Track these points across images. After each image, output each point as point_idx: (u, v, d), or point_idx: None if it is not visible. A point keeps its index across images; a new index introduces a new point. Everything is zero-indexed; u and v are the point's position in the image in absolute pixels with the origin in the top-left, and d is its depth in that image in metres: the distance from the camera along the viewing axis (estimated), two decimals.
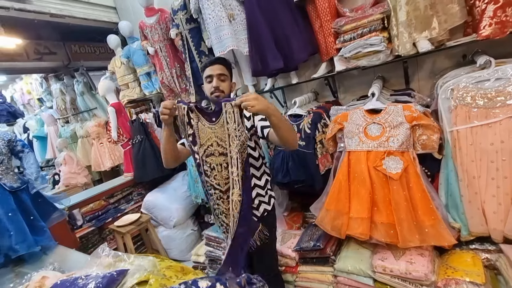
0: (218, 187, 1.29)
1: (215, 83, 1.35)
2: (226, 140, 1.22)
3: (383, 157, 1.50)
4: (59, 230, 2.48)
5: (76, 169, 4.21)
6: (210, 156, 1.28)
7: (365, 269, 1.52)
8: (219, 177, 1.28)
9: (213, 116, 1.26)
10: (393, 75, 1.92)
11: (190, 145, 1.32)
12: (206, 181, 1.31)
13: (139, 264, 0.94)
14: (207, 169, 1.30)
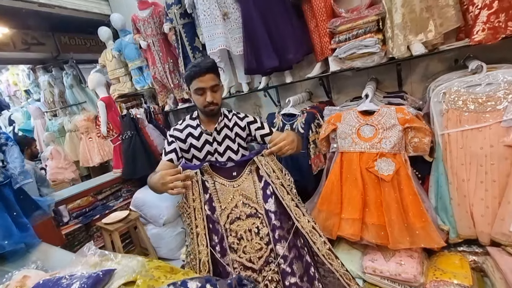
0: (249, 264, 1.00)
1: (209, 98, 1.20)
2: (253, 197, 1.04)
3: (375, 159, 1.50)
4: (43, 227, 2.40)
5: (64, 164, 4.10)
6: (236, 221, 1.03)
7: (356, 270, 1.53)
8: (250, 248, 1.01)
9: (233, 170, 1.08)
10: (386, 77, 1.93)
11: (208, 216, 1.02)
12: (233, 261, 0.99)
13: (127, 264, 0.91)
14: (233, 241, 1.01)
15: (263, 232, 1.02)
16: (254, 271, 1.00)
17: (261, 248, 1.01)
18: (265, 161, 1.06)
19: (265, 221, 1.02)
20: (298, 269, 1.01)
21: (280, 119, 1.98)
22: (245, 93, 2.42)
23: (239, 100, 2.77)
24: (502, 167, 1.34)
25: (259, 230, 1.02)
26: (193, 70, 1.20)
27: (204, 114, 1.30)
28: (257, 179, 1.06)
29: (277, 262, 0.99)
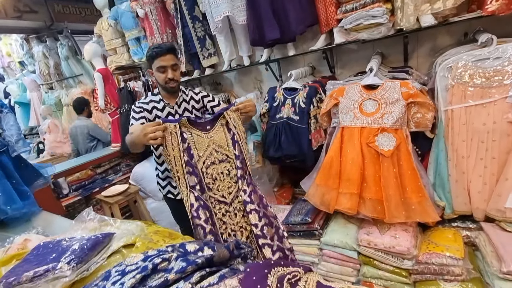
0: (222, 199, 1.25)
1: (170, 75, 1.40)
2: (224, 145, 1.26)
3: (376, 134, 1.48)
4: (44, 198, 2.42)
5: (62, 138, 4.07)
6: (211, 165, 1.25)
7: (351, 242, 1.56)
8: (222, 186, 1.26)
9: (207, 124, 1.29)
10: (392, 51, 1.87)
11: (187, 161, 1.19)
12: (210, 198, 1.23)
13: (126, 228, 0.91)
14: (210, 182, 1.24)
15: (232, 173, 1.27)
16: (226, 204, 1.25)
17: (231, 186, 1.26)
18: (233, 116, 1.28)
19: (234, 164, 1.26)
20: (255, 199, 1.26)
21: (281, 93, 1.94)
22: (246, 66, 2.35)
23: (239, 74, 2.70)
24: (504, 143, 1.33)
25: (230, 172, 1.26)
26: (155, 50, 1.38)
27: (165, 91, 1.49)
28: (227, 131, 1.28)
29: (239, 194, 1.25)
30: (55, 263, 0.72)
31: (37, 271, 0.72)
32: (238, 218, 1.25)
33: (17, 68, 5.05)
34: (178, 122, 1.20)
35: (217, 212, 1.23)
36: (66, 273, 0.70)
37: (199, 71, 2.71)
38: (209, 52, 2.52)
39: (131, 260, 0.68)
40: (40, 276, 0.71)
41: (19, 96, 4.81)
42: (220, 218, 1.23)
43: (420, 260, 1.38)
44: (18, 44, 4.65)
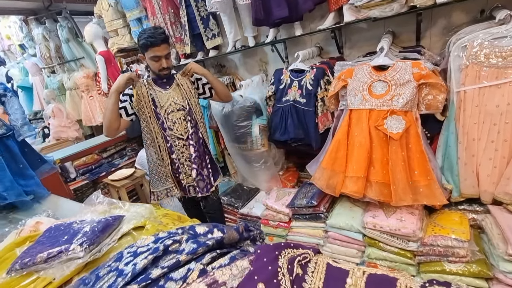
0: (180, 137, 1.66)
1: (165, 64, 1.55)
2: (180, 99, 1.65)
3: (385, 116, 1.45)
4: (52, 182, 2.46)
5: (66, 122, 4.07)
6: (171, 113, 1.63)
7: (356, 225, 1.57)
8: (180, 128, 1.65)
9: (166, 84, 1.65)
10: (404, 30, 1.80)
11: (152, 110, 1.60)
12: (171, 136, 1.64)
13: (136, 211, 0.92)
14: (170, 124, 1.63)
15: (187, 118, 1.66)
16: (183, 139, 1.67)
17: (186, 127, 1.67)
18: (181, 79, 1.69)
19: (187, 112, 1.66)
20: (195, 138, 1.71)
21: (287, 75, 1.89)
22: (251, 47, 2.29)
23: (244, 56, 2.64)
24: None
25: (185, 117, 1.66)
26: (150, 40, 1.48)
27: (158, 76, 1.64)
28: (181, 89, 1.67)
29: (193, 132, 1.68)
30: (67, 245, 0.74)
31: (50, 252, 0.74)
32: (191, 150, 1.68)
33: (18, 51, 4.97)
34: (146, 80, 1.63)
35: (176, 145, 1.66)
36: (79, 254, 0.71)
37: (202, 53, 2.65)
38: (213, 33, 2.45)
39: (143, 241, 0.69)
40: (54, 257, 0.73)
41: (21, 81, 4.76)
42: (179, 149, 1.67)
43: (425, 242, 1.39)
44: (17, 26, 4.55)
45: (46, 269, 0.71)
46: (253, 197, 2.34)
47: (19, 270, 0.75)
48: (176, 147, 1.67)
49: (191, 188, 1.75)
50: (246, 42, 2.41)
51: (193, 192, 1.77)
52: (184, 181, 1.74)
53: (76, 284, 0.66)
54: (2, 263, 0.82)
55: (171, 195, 1.76)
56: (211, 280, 0.56)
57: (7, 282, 0.75)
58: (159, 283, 0.58)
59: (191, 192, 1.77)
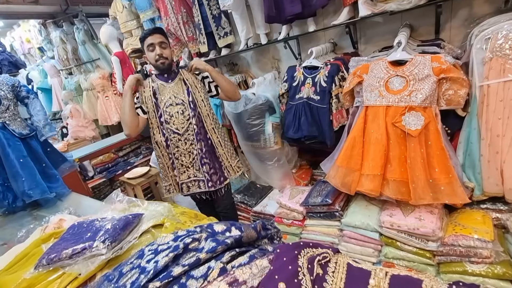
0: (176, 131, 1.66)
1: (158, 51, 1.57)
2: (181, 93, 1.66)
3: (403, 113, 1.41)
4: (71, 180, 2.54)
5: (83, 122, 4.21)
6: (170, 106, 1.65)
7: (372, 224, 1.54)
8: (177, 122, 1.65)
9: (169, 78, 1.68)
10: (422, 23, 1.74)
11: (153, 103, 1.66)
12: (167, 129, 1.66)
13: (154, 209, 0.94)
14: (167, 117, 1.66)
15: (186, 113, 1.66)
16: (179, 134, 1.67)
17: (183, 122, 1.66)
18: (186, 74, 1.71)
19: (188, 107, 1.66)
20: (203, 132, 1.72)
21: (301, 72, 1.87)
22: (263, 44, 2.28)
23: (256, 54, 2.63)
24: None
25: (183, 112, 1.66)
26: (144, 32, 1.61)
27: (157, 69, 1.66)
28: (183, 84, 1.69)
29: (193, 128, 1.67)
30: (91, 242, 0.76)
31: (75, 248, 0.76)
32: (187, 145, 1.68)
33: (37, 54, 5.15)
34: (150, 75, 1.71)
35: (172, 139, 1.67)
36: (102, 251, 0.73)
37: (215, 52, 2.66)
38: (225, 31, 2.45)
39: (163, 239, 0.70)
40: (78, 254, 0.75)
41: (40, 82, 4.93)
42: (174, 143, 1.67)
43: (445, 242, 1.34)
44: (36, 30, 4.71)
45: (71, 265, 0.74)
46: (266, 195, 2.34)
47: (46, 266, 0.78)
48: (171, 142, 1.67)
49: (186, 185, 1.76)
50: (258, 39, 2.40)
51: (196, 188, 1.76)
52: (178, 178, 1.75)
53: (100, 280, 0.68)
54: (29, 258, 0.86)
55: (171, 191, 1.81)
56: (232, 279, 0.56)
57: (35, 276, 0.78)
58: (181, 280, 0.59)
59: (183, 190, 1.77)
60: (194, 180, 1.76)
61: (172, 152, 1.70)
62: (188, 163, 1.71)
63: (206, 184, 1.74)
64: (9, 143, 1.55)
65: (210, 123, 1.73)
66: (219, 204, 1.90)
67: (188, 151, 1.69)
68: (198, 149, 1.69)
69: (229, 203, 1.95)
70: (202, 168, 1.72)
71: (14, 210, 1.55)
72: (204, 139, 1.71)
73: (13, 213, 1.54)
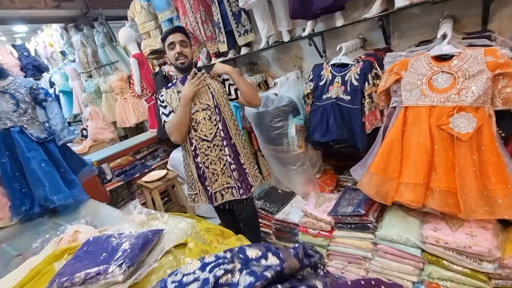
0: (205, 138, 1.59)
1: (178, 49, 1.53)
2: (206, 98, 1.59)
3: (451, 114, 1.24)
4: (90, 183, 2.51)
5: (102, 124, 4.23)
6: (196, 112, 1.57)
7: (413, 239, 1.37)
8: (205, 128, 1.58)
9: None
10: (467, 13, 1.55)
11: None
12: (195, 137, 1.59)
13: (176, 225, 0.83)
14: (195, 124, 1.58)
15: (213, 118, 1.59)
16: (208, 141, 1.60)
17: (211, 128, 1.59)
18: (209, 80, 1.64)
19: (214, 112, 1.59)
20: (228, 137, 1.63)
21: (329, 71, 1.73)
22: (285, 42, 2.15)
23: (277, 52, 2.50)
24: None
25: (210, 117, 1.59)
26: (166, 31, 1.58)
27: (177, 68, 1.61)
28: (208, 88, 1.61)
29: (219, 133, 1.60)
30: (106, 266, 0.66)
31: (88, 272, 0.67)
32: (217, 151, 1.60)
33: (59, 58, 5.27)
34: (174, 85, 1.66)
35: (200, 147, 1.59)
36: (118, 278, 0.63)
37: (234, 51, 2.56)
38: (245, 29, 2.34)
39: (188, 268, 0.59)
40: (92, 279, 0.65)
41: (62, 85, 5.04)
42: (203, 152, 1.59)
43: (505, 264, 1.17)
44: (58, 34, 4.81)
45: None
46: (289, 202, 2.21)
47: None
48: (200, 150, 1.60)
49: (220, 194, 1.67)
50: (280, 37, 2.28)
51: (230, 196, 1.68)
52: (210, 187, 1.66)
53: None
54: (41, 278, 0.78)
55: (196, 201, 1.72)
56: None
57: None
58: None
59: (217, 199, 1.68)
60: (228, 187, 1.66)
61: (202, 161, 1.62)
62: (219, 171, 1.62)
63: (238, 191, 1.65)
64: (29, 147, 1.52)
65: (232, 128, 1.66)
66: (241, 212, 1.79)
67: (218, 158, 1.61)
68: (227, 155, 1.61)
69: (251, 211, 1.84)
70: (232, 174, 1.64)
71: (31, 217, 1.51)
72: (230, 144, 1.64)
73: (30, 220, 1.50)
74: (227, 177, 1.65)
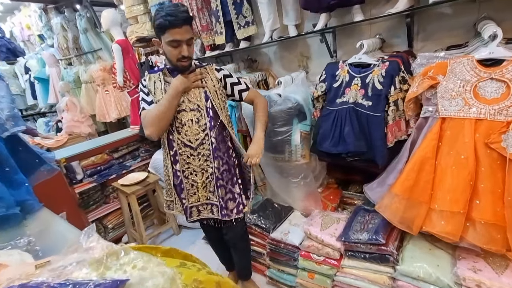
0: (188, 143, 1.33)
1: (185, 52, 1.21)
2: (197, 97, 1.32)
3: (504, 131, 1.01)
4: (53, 184, 2.14)
5: (80, 117, 3.82)
6: (181, 112, 1.31)
7: (445, 278, 1.13)
8: (190, 132, 1.32)
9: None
10: (509, 15, 1.35)
11: None
12: (177, 140, 1.33)
13: (147, 276, 0.53)
14: (178, 125, 1.32)
15: (202, 122, 1.32)
16: (192, 148, 1.33)
17: (198, 133, 1.32)
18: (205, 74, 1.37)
19: (204, 115, 1.32)
20: (222, 147, 1.39)
21: (345, 71, 1.48)
22: (292, 37, 1.90)
23: (281, 49, 2.25)
24: None
25: (199, 120, 1.32)
26: (169, 20, 1.13)
27: (176, 69, 1.30)
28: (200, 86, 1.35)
29: (209, 141, 1.32)
30: None
31: None
32: (201, 161, 1.34)
33: (37, 42, 4.81)
34: (161, 71, 1.34)
35: (182, 153, 1.33)
36: None
37: (232, 44, 2.28)
38: (246, 21, 2.07)
39: None
40: None
41: (38, 72, 4.59)
42: (184, 159, 1.34)
43: None
44: (37, 15, 4.38)
45: None
46: (286, 218, 1.93)
47: None
48: (181, 156, 1.34)
49: (196, 209, 1.42)
50: (285, 32, 2.03)
51: (208, 213, 1.41)
52: (185, 200, 1.41)
53: None
54: None
55: (171, 209, 1.49)
56: None
57: None
58: None
59: (192, 215, 1.43)
60: (207, 203, 1.40)
61: (181, 169, 1.36)
62: (199, 183, 1.36)
63: (220, 211, 1.38)
64: None
65: (231, 133, 1.41)
66: (228, 231, 1.51)
67: (201, 169, 1.35)
68: (215, 168, 1.34)
69: (241, 232, 1.56)
70: (217, 190, 1.37)
71: None
72: (222, 157, 1.38)
73: None
74: (209, 192, 1.39)
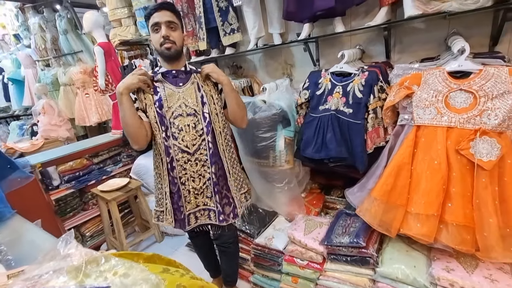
0: (186, 149, 1.31)
1: (164, 32, 1.21)
2: (194, 101, 1.31)
3: (472, 138, 1.09)
4: (27, 190, 2.05)
5: (57, 120, 3.67)
6: (178, 117, 1.29)
7: (421, 278, 1.18)
8: (188, 137, 1.30)
9: (180, 81, 1.32)
10: (475, 32, 1.46)
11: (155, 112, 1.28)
12: (173, 146, 1.30)
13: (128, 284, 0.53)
14: (175, 131, 1.30)
15: (199, 127, 1.31)
16: (189, 154, 1.31)
17: (195, 138, 1.31)
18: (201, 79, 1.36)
19: (201, 120, 1.31)
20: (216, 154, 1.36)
21: (328, 79, 1.53)
22: (276, 45, 1.94)
23: (266, 57, 2.29)
24: None
25: (196, 126, 1.31)
26: (150, 8, 1.23)
27: (162, 56, 1.29)
28: (197, 90, 1.33)
29: (207, 146, 1.32)
30: None
31: None
32: (198, 167, 1.33)
33: (12, 41, 4.60)
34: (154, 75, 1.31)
35: (179, 159, 1.31)
36: None
37: (217, 50, 2.30)
38: (232, 28, 2.10)
39: None
40: None
41: (12, 73, 4.38)
42: (181, 165, 1.31)
43: None
44: (13, 14, 4.20)
45: None
46: (271, 223, 1.94)
47: None
48: (179, 162, 1.31)
49: (194, 216, 1.39)
50: (270, 40, 2.07)
51: (205, 219, 1.39)
52: (183, 208, 1.37)
53: None
54: None
55: (161, 220, 1.43)
56: None
57: None
58: None
59: (190, 222, 1.40)
60: (204, 209, 1.38)
61: (178, 176, 1.33)
62: (197, 189, 1.35)
63: (217, 216, 1.37)
64: None
65: (222, 143, 1.38)
66: (220, 236, 1.49)
67: (199, 174, 1.33)
68: (212, 173, 1.33)
69: (232, 236, 1.55)
70: (215, 196, 1.36)
71: None
72: (218, 162, 1.37)
73: None
74: (206, 198, 1.37)
